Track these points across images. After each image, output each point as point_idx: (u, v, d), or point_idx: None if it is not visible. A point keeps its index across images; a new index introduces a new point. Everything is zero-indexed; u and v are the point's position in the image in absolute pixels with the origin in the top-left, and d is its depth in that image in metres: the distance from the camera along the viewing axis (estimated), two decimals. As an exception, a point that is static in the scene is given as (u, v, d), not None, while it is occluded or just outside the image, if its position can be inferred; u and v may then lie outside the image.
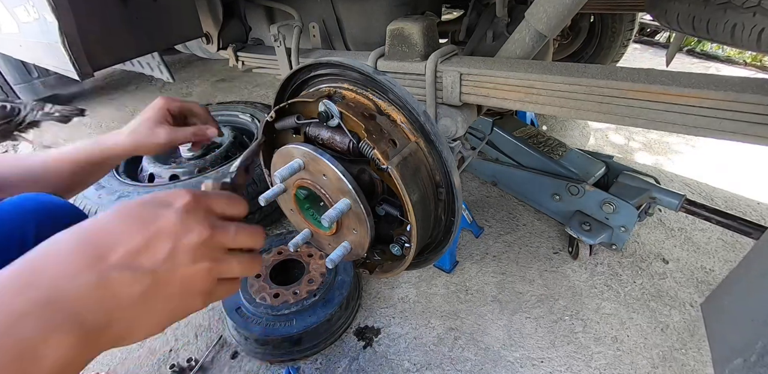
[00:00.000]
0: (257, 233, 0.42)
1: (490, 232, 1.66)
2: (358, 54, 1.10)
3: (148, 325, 0.34)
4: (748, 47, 0.79)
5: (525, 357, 1.19)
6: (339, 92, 0.61)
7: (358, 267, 0.74)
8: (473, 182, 1.97)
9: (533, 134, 1.69)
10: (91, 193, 1.36)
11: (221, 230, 0.37)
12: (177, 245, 0.33)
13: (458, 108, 0.92)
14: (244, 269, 0.39)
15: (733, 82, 0.61)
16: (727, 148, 2.23)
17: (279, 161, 0.65)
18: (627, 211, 1.32)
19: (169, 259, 0.33)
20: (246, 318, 1.18)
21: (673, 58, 1.26)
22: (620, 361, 1.17)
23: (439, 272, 1.48)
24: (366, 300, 1.38)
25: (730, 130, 0.61)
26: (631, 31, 2.36)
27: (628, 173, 1.44)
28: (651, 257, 1.52)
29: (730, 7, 0.75)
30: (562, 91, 0.73)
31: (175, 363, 1.19)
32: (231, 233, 0.38)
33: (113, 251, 0.31)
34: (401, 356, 1.20)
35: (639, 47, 3.99)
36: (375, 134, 0.55)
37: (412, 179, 0.57)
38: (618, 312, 1.32)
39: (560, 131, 2.47)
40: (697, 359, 1.18)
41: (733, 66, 3.44)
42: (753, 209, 1.77)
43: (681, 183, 1.96)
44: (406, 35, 0.89)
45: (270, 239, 1.46)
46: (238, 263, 0.39)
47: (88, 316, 0.29)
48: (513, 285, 1.43)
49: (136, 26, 0.92)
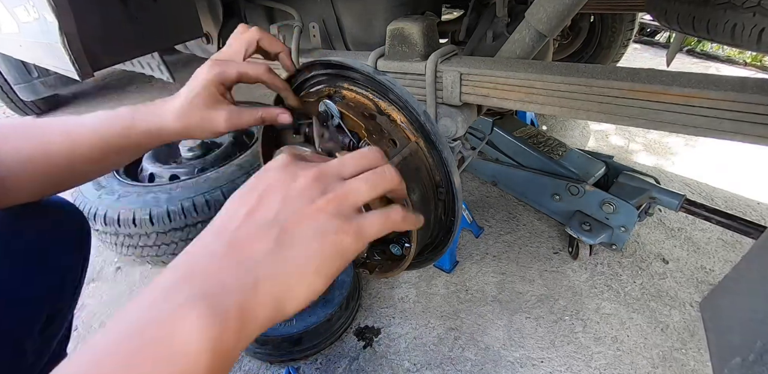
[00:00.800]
0: (367, 153, 0.37)
1: (490, 232, 1.66)
2: (358, 54, 1.10)
3: (303, 278, 0.30)
4: (748, 47, 0.79)
5: (525, 357, 1.19)
6: (339, 92, 0.61)
7: (358, 267, 0.74)
8: (473, 182, 1.97)
9: (533, 134, 1.70)
10: (91, 193, 1.36)
11: (325, 166, 0.35)
12: (288, 191, 0.33)
13: (458, 108, 0.92)
14: (371, 185, 0.34)
15: (733, 82, 0.61)
16: (727, 148, 2.23)
17: (279, 160, 0.65)
18: (627, 211, 1.32)
19: (285, 205, 0.32)
20: (246, 318, 1.18)
21: (674, 58, 1.26)
22: (620, 361, 1.17)
23: (439, 272, 1.48)
24: (366, 300, 1.38)
25: (730, 130, 0.61)
26: (631, 31, 2.37)
27: (628, 173, 1.44)
28: (651, 257, 1.52)
29: (730, 7, 0.75)
30: (562, 91, 0.73)
31: (175, 362, 1.19)
32: (335, 163, 0.35)
33: (233, 219, 0.32)
34: (401, 356, 1.21)
35: (639, 47, 3.99)
36: (375, 133, 0.55)
37: (412, 179, 0.57)
38: (618, 312, 1.32)
39: (560, 131, 2.47)
40: (697, 359, 1.18)
41: (733, 66, 3.44)
42: (753, 209, 1.77)
43: (681, 183, 1.96)
44: (406, 35, 0.89)
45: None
46: (364, 182, 0.34)
47: (229, 282, 0.27)
48: (513, 285, 1.43)
49: (137, 26, 0.92)
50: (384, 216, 0.34)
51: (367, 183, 0.34)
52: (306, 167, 0.34)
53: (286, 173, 0.34)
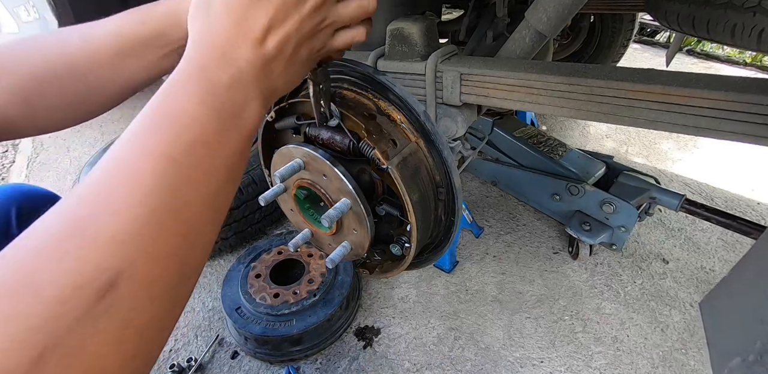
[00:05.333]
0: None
1: (490, 232, 1.66)
2: (357, 54, 1.10)
3: (295, 83, 0.42)
4: (748, 47, 0.79)
5: (525, 357, 1.19)
6: (339, 92, 0.61)
7: (358, 267, 0.74)
8: (473, 182, 1.97)
9: (533, 134, 1.70)
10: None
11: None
12: (301, 14, 0.37)
13: (458, 108, 0.92)
14: (356, 17, 0.41)
15: (733, 82, 0.61)
16: (727, 148, 2.24)
17: (279, 161, 0.65)
18: (627, 211, 1.32)
19: (301, 26, 0.37)
20: (246, 318, 1.18)
21: (673, 58, 1.26)
22: (620, 361, 1.17)
23: (439, 272, 1.48)
24: (366, 300, 1.38)
25: (730, 130, 0.61)
26: (631, 31, 2.37)
27: (628, 173, 1.44)
28: (651, 257, 1.52)
29: (730, 7, 0.75)
30: (562, 91, 0.73)
31: (175, 363, 1.19)
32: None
33: (257, 30, 0.35)
34: (401, 356, 1.21)
35: (639, 47, 3.99)
36: (375, 134, 0.55)
37: (412, 179, 0.57)
38: (618, 312, 1.32)
39: (560, 131, 2.47)
40: (697, 359, 1.18)
41: (733, 66, 3.44)
42: (753, 209, 1.77)
43: (681, 183, 1.96)
44: (406, 35, 0.89)
45: (270, 240, 1.46)
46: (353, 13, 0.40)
47: (263, 86, 0.37)
48: (513, 285, 1.43)
49: (137, 26, 0.92)
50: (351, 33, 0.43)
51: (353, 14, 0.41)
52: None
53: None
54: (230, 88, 0.35)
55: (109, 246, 0.27)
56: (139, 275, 0.27)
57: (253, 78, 0.36)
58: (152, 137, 0.31)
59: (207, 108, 0.33)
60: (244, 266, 1.34)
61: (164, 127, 0.32)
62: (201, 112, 0.33)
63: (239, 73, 0.35)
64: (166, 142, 0.31)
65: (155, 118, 0.33)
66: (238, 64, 0.35)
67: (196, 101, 0.33)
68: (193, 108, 0.33)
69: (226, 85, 0.35)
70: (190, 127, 0.32)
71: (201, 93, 0.34)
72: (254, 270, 1.31)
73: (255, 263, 1.34)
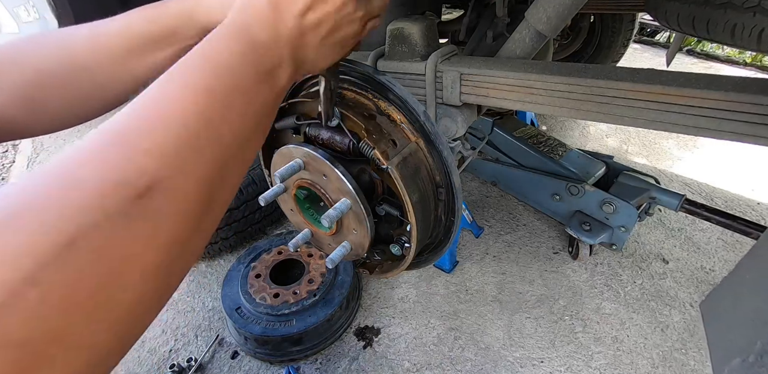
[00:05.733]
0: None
1: (490, 232, 1.66)
2: (357, 54, 1.10)
3: (327, 63, 0.46)
4: (748, 47, 0.79)
5: (525, 357, 1.19)
6: (339, 92, 0.61)
7: (358, 267, 0.74)
8: (473, 182, 1.97)
9: (533, 134, 1.70)
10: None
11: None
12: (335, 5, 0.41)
13: (458, 108, 0.92)
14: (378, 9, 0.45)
15: (733, 82, 0.61)
16: (727, 148, 2.24)
17: (279, 161, 0.65)
18: (627, 211, 1.32)
19: (336, 14, 0.41)
20: (246, 318, 1.18)
21: (673, 58, 1.26)
22: (620, 361, 1.17)
23: (439, 272, 1.48)
24: (366, 300, 1.38)
25: (730, 130, 0.61)
26: (631, 31, 2.37)
27: (628, 173, 1.44)
28: (651, 257, 1.52)
29: (730, 7, 0.75)
30: (562, 91, 0.73)
31: (175, 362, 1.19)
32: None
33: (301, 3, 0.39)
34: (401, 356, 1.21)
35: (639, 47, 3.99)
36: (375, 134, 0.55)
37: (412, 179, 0.57)
38: (618, 312, 1.32)
39: (560, 131, 2.47)
40: (697, 359, 1.18)
41: (733, 66, 3.44)
42: (753, 209, 1.77)
43: (681, 183, 1.96)
44: (406, 35, 0.89)
45: (270, 240, 1.46)
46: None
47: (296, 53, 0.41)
48: (513, 285, 1.43)
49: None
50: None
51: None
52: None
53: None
54: (268, 48, 0.39)
55: (152, 155, 0.28)
56: (174, 188, 0.29)
57: (289, 44, 0.40)
58: (195, 74, 0.34)
59: (246, 60, 0.37)
60: (244, 266, 1.34)
61: (207, 68, 0.35)
62: (240, 62, 0.36)
63: (277, 36, 0.39)
64: (207, 78, 0.34)
65: (198, 60, 0.35)
66: (278, 29, 0.39)
67: (237, 52, 0.37)
68: (234, 58, 0.36)
69: (264, 44, 0.38)
70: (229, 72, 0.35)
71: (242, 47, 0.37)
72: (254, 270, 1.31)
73: (255, 263, 1.34)
